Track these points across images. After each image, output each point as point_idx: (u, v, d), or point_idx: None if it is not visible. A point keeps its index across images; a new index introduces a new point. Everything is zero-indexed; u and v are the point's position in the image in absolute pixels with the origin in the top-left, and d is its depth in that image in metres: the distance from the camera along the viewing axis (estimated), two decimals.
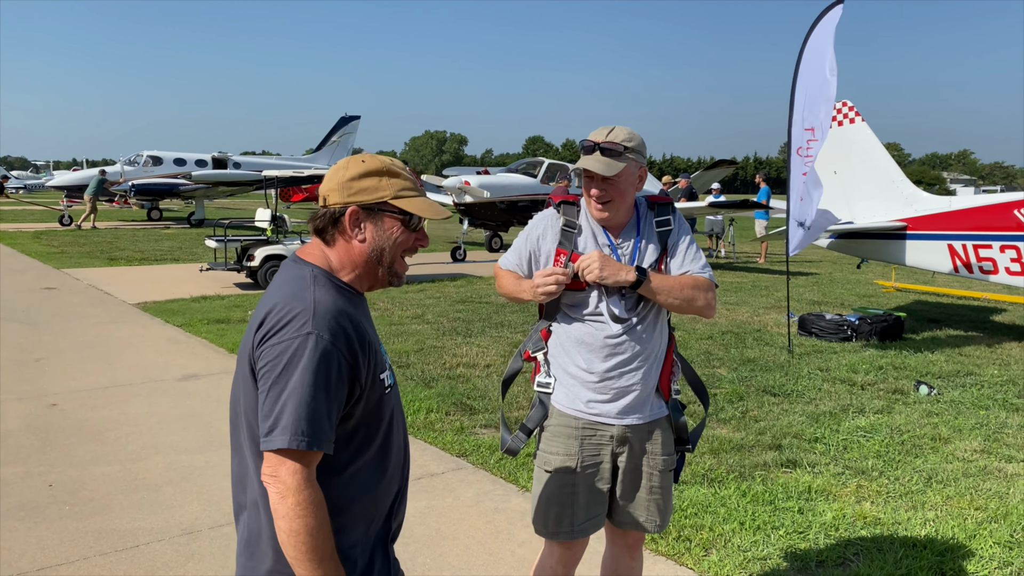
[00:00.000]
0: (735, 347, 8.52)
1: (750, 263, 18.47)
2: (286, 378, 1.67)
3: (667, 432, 2.74)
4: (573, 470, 2.67)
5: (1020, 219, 8.51)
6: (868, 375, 7.34)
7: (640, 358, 2.64)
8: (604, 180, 2.56)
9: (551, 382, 2.73)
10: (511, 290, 2.76)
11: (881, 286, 14.02)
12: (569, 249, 2.66)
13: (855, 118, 10.22)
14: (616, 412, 2.65)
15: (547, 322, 2.75)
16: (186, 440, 5.41)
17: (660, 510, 2.76)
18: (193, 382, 6.89)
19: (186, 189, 27.59)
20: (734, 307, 11.39)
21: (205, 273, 13.59)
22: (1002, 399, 6.57)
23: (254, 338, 1.74)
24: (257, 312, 1.79)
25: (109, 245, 19.36)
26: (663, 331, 2.73)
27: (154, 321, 9.68)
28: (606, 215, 2.62)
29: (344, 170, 1.86)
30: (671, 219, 2.72)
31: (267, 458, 1.68)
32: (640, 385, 2.65)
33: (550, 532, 2.73)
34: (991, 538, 4.03)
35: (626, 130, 2.61)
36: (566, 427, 2.68)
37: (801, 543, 3.97)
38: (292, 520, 1.64)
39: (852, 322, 8.95)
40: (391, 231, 1.86)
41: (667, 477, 2.76)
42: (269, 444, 1.66)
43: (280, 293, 1.78)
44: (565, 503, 2.68)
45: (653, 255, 2.67)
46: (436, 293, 12.24)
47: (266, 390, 1.69)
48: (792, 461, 5.08)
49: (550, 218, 2.75)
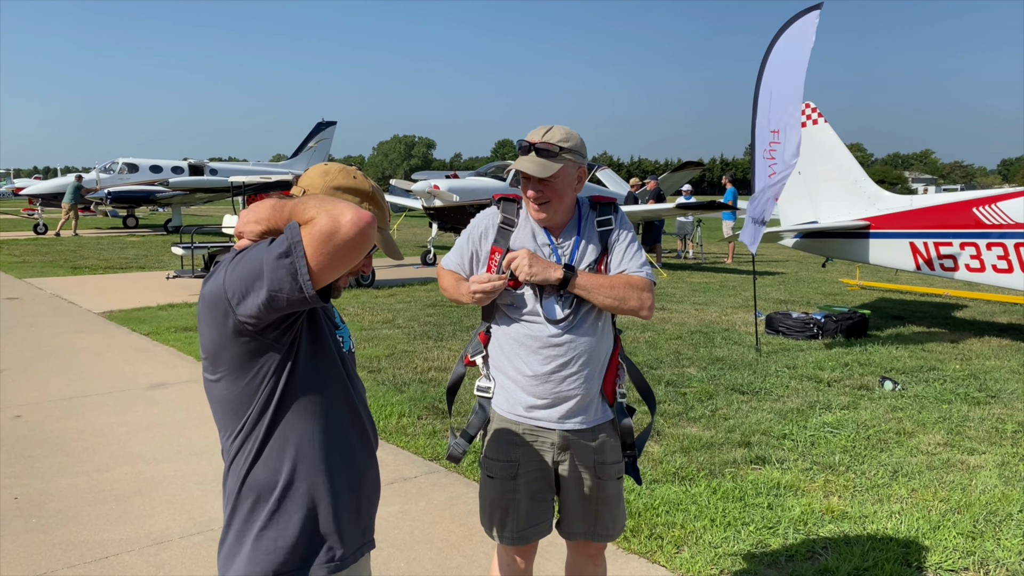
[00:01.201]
0: (704, 346, 8.61)
1: (718, 263, 18.66)
2: (254, 254, 1.68)
3: (612, 438, 2.69)
4: (514, 477, 2.63)
5: (979, 217, 8.70)
6: (834, 372, 7.45)
7: (581, 360, 2.58)
8: (540, 181, 2.53)
9: (491, 386, 2.70)
10: (451, 292, 2.71)
11: (846, 284, 14.24)
12: (504, 248, 2.63)
13: (818, 119, 10.38)
14: (557, 417, 2.60)
15: (486, 324, 2.72)
16: (155, 449, 5.35)
17: (609, 519, 2.71)
18: (161, 391, 6.81)
19: (163, 196, 27.48)
20: (703, 307, 11.50)
21: (172, 280, 13.42)
22: (964, 393, 6.71)
23: (222, 282, 1.72)
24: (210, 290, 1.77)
25: (73, 254, 19.05)
26: (607, 333, 2.67)
27: (120, 330, 9.54)
28: (544, 216, 2.58)
29: (333, 176, 1.85)
30: (612, 219, 2.68)
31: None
32: (582, 388, 2.59)
33: (493, 536, 2.72)
34: (954, 529, 4.11)
35: (564, 130, 2.57)
36: (506, 433, 2.64)
37: (771, 538, 4.02)
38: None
39: (818, 320, 9.09)
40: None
41: (614, 485, 2.70)
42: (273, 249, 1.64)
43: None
44: (507, 509, 2.65)
45: (593, 255, 2.62)
46: (407, 298, 12.22)
47: (234, 262, 1.71)
48: (761, 458, 5.14)
49: (491, 216, 2.72)
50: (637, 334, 9.22)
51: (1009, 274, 8.49)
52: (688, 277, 15.61)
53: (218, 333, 1.75)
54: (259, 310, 1.67)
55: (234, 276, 1.69)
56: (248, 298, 1.67)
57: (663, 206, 16.37)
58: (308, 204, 1.64)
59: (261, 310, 1.67)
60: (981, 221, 8.68)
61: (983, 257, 8.69)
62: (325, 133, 36.42)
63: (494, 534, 2.72)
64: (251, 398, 1.79)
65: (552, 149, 2.51)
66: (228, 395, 1.80)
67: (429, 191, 16.56)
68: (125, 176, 28.07)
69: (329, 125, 36.60)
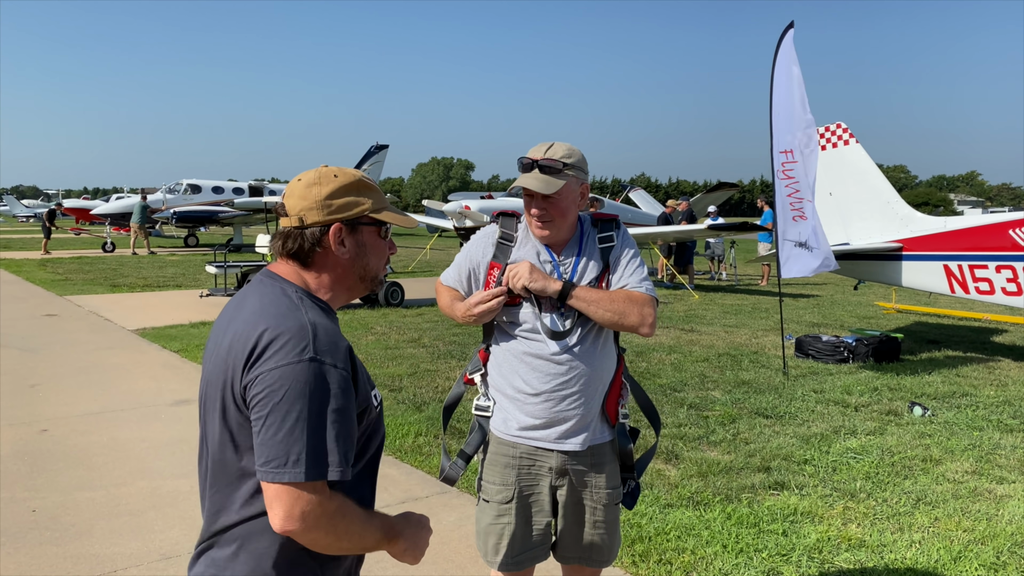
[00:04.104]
0: (730, 369, 8.48)
1: (752, 286, 18.43)
2: (290, 406, 1.55)
3: (612, 462, 2.63)
4: (510, 501, 2.59)
5: (1015, 239, 8.48)
6: (862, 396, 7.29)
7: (582, 380, 2.53)
8: (544, 198, 2.50)
9: (490, 405, 2.66)
10: (447, 310, 2.69)
11: (882, 308, 13.96)
12: (503, 263, 2.60)
13: (849, 139, 10.24)
14: (555, 437, 2.55)
15: (486, 342, 2.69)
16: (173, 465, 5.41)
17: (604, 546, 2.66)
18: (185, 407, 6.89)
19: (226, 216, 28.22)
20: (733, 329, 11.36)
21: (205, 299, 13.65)
22: (996, 420, 6.52)
23: (244, 366, 1.60)
24: (238, 335, 1.65)
25: (113, 272, 19.47)
26: (609, 352, 2.62)
27: (151, 347, 9.71)
28: (547, 233, 2.56)
29: (318, 187, 1.78)
30: (614, 235, 2.64)
31: (277, 494, 1.54)
32: (581, 409, 2.54)
33: (489, 561, 2.67)
34: (976, 560, 3.98)
35: (565, 146, 2.55)
36: (503, 456, 2.60)
37: (783, 565, 3.92)
38: (336, 541, 1.61)
39: (849, 343, 8.91)
40: (372, 244, 1.83)
41: (612, 511, 2.65)
42: (279, 476, 1.53)
43: (266, 314, 1.66)
44: (502, 534, 2.61)
45: (594, 272, 2.59)
46: (434, 317, 12.25)
47: (266, 420, 1.56)
48: (780, 483, 5.04)
49: (490, 233, 2.70)
50: (663, 356, 9.13)
51: None
52: (720, 299, 15.44)
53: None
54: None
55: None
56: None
57: (694, 227, 16.25)
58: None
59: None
60: (1018, 243, 8.47)
61: (1020, 280, 8.46)
62: (378, 156, 37.06)
63: (489, 560, 2.69)
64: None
65: (555, 166, 2.49)
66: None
67: (460, 211, 16.66)
68: (188, 196, 29.12)
69: (382, 148, 37.29)
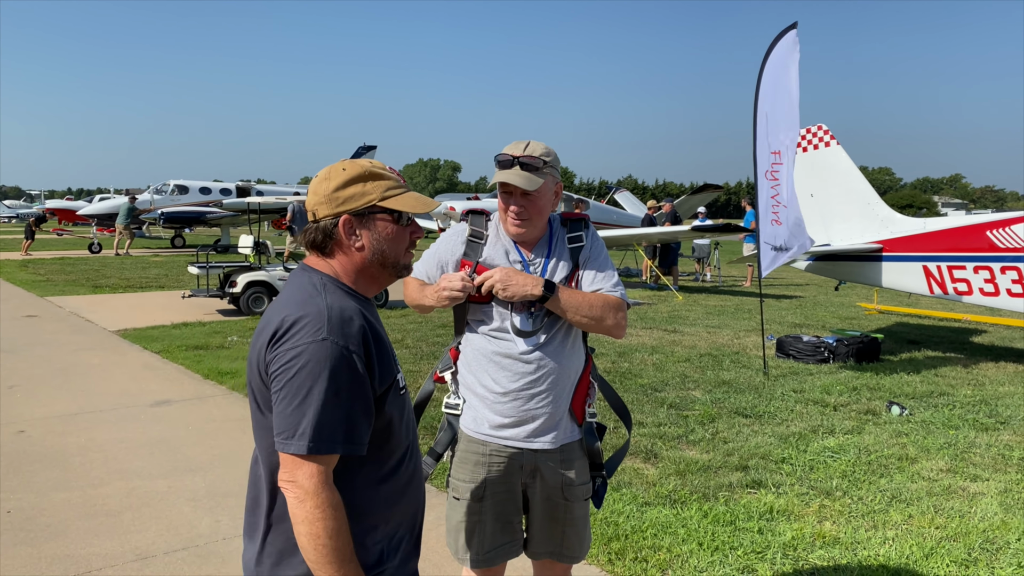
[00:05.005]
0: (711, 369, 8.53)
1: (736, 287, 18.52)
2: (301, 382, 1.65)
3: (581, 459, 2.64)
4: (480, 498, 2.60)
5: (992, 240, 8.58)
6: (841, 396, 7.35)
7: (550, 379, 2.54)
8: (524, 195, 2.50)
9: (459, 403, 2.67)
10: (415, 297, 2.66)
11: (864, 308, 14.06)
12: (474, 260, 2.61)
13: (830, 142, 10.32)
14: (524, 436, 2.56)
15: (457, 340, 2.70)
16: (151, 466, 5.38)
17: (574, 541, 2.68)
18: (164, 408, 6.86)
19: (214, 217, 28.11)
20: (715, 330, 11.41)
21: (187, 300, 13.59)
22: (972, 419, 6.58)
23: (267, 345, 1.72)
24: (268, 320, 1.77)
25: (96, 273, 19.34)
26: (577, 351, 2.64)
27: (132, 348, 9.66)
28: (523, 231, 2.56)
29: (327, 181, 1.84)
30: (583, 235, 2.65)
31: (284, 461, 1.67)
32: (550, 407, 2.55)
33: (459, 558, 2.67)
34: (948, 556, 4.02)
35: (542, 145, 2.56)
36: (474, 454, 2.61)
37: (758, 563, 3.95)
38: (312, 523, 1.63)
39: (829, 344, 8.98)
40: (386, 232, 1.85)
41: (581, 506, 2.66)
42: (286, 447, 1.65)
43: (291, 301, 1.77)
44: (472, 531, 2.61)
45: (564, 272, 2.60)
46: (418, 318, 12.25)
47: (280, 394, 1.68)
48: (757, 482, 5.07)
49: (460, 231, 2.70)
50: (645, 356, 9.16)
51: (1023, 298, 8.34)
52: (704, 300, 15.50)
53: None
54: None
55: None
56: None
57: (678, 229, 16.30)
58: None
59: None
60: (995, 244, 8.56)
61: (997, 281, 8.55)
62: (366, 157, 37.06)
63: (459, 556, 2.70)
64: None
65: (536, 163, 2.50)
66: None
67: (445, 213, 16.66)
68: (176, 197, 28.98)
69: (370, 149, 37.46)
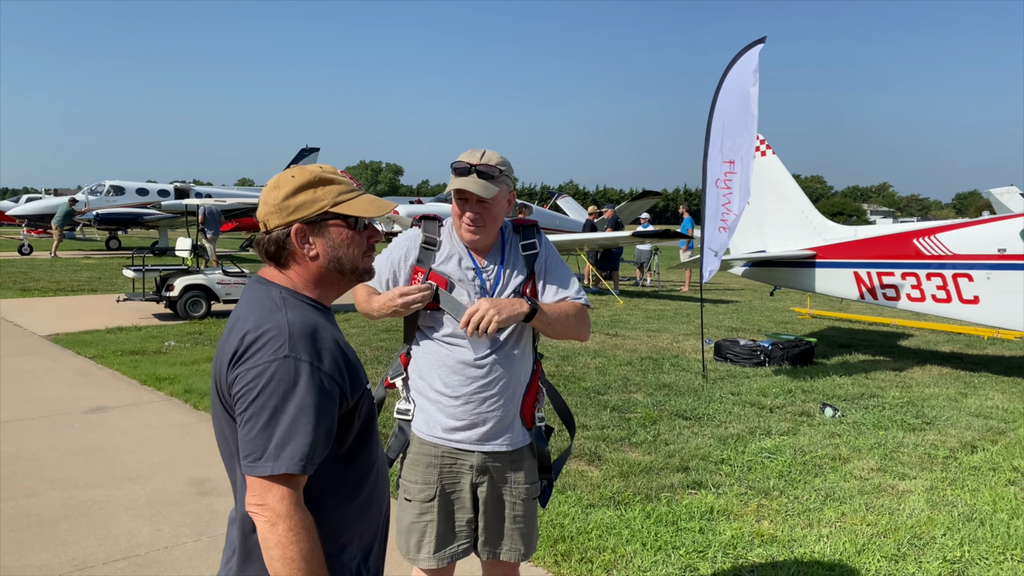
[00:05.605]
0: (652, 372, 8.69)
1: (674, 291, 18.86)
2: (265, 402, 1.61)
3: (530, 460, 2.71)
4: (432, 499, 2.64)
5: (919, 248, 8.93)
6: (777, 398, 7.56)
7: (501, 383, 2.60)
8: (479, 203, 2.55)
9: (410, 408, 2.70)
10: (363, 305, 2.67)
11: (797, 313, 14.47)
12: (428, 267, 2.64)
13: (767, 151, 10.62)
14: (476, 439, 2.61)
15: (407, 346, 2.73)
16: (87, 475, 5.25)
17: (523, 539, 2.73)
18: (100, 415, 6.69)
19: (151, 218, 27.28)
20: (655, 334, 11.61)
21: (122, 304, 13.22)
22: (901, 420, 6.85)
23: (228, 365, 1.68)
24: (229, 338, 1.73)
25: (24, 276, 18.68)
26: (527, 356, 2.70)
27: (65, 353, 9.38)
28: (477, 238, 2.60)
29: (276, 190, 1.80)
30: (536, 242, 2.71)
31: (251, 485, 1.62)
32: (500, 411, 2.61)
33: (410, 558, 2.70)
34: (879, 552, 4.19)
35: (497, 154, 2.60)
36: (425, 456, 2.64)
37: (700, 562, 4.06)
38: (286, 547, 1.58)
39: (765, 348, 9.23)
40: (341, 238, 1.81)
41: (530, 505, 2.73)
42: (254, 470, 1.60)
43: (251, 317, 1.72)
44: (424, 531, 2.65)
45: (518, 279, 2.65)
46: (361, 322, 12.17)
47: (245, 415, 1.63)
48: (697, 482, 5.20)
49: (412, 237, 2.73)
50: (588, 360, 9.28)
51: (947, 304, 8.71)
52: (644, 304, 15.76)
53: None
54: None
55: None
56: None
57: (620, 234, 16.54)
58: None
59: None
60: (921, 252, 8.91)
61: (923, 287, 8.91)
62: (308, 159, 36.85)
63: (410, 557, 2.72)
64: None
65: (492, 172, 2.54)
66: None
67: (388, 216, 16.56)
68: (111, 198, 28.05)
69: (313, 151, 37.04)
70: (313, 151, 37.02)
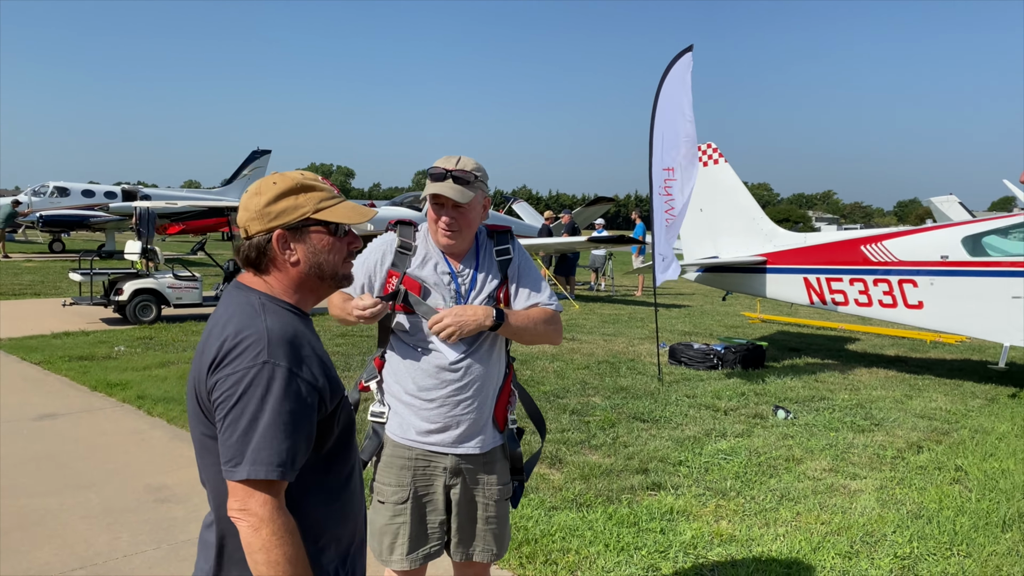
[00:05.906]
0: (610, 376, 8.79)
1: (628, 296, 19.07)
2: (244, 407, 1.63)
3: (502, 462, 2.76)
4: (405, 501, 2.66)
5: (866, 255, 9.20)
6: (731, 401, 7.72)
7: (476, 386, 2.64)
8: (455, 208, 2.58)
9: (384, 411, 2.73)
10: (338, 311, 2.67)
11: (748, 317, 14.76)
12: (402, 271, 2.67)
13: (719, 159, 10.83)
14: (450, 441, 2.64)
15: (381, 350, 2.75)
16: (39, 482, 5.13)
17: (496, 539, 2.77)
18: (50, 422, 6.53)
19: (98, 221, 26.50)
20: (611, 338, 11.74)
21: (69, 308, 12.90)
22: (851, 421, 7.05)
23: (207, 371, 1.69)
24: (208, 344, 1.73)
25: None
26: (500, 359, 2.74)
27: (9, 359, 9.12)
28: (452, 243, 2.63)
29: (258, 196, 1.80)
30: (510, 248, 2.75)
31: (233, 490, 1.63)
32: (474, 414, 2.64)
33: (383, 560, 2.72)
34: (833, 550, 4.32)
35: (472, 160, 2.63)
36: (399, 458, 2.67)
37: (662, 562, 4.14)
38: (270, 551, 1.60)
39: (718, 351, 9.40)
40: (321, 244, 1.82)
41: (502, 506, 2.77)
42: (234, 475, 1.61)
43: (231, 323, 1.72)
44: (397, 533, 2.67)
45: (493, 284, 2.69)
46: (316, 327, 12.03)
47: (224, 421, 1.64)
48: (657, 484, 5.29)
49: (388, 241, 2.75)
50: (546, 364, 9.35)
51: (893, 308, 8.99)
52: (599, 309, 15.91)
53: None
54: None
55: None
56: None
57: (576, 239, 16.68)
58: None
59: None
60: (868, 258, 9.18)
61: (870, 292, 9.18)
62: (259, 162, 36.26)
63: (383, 559, 2.74)
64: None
65: (468, 177, 2.57)
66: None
67: None
68: (56, 200, 27.28)
69: (264, 154, 36.48)
70: (264, 153, 36.53)
